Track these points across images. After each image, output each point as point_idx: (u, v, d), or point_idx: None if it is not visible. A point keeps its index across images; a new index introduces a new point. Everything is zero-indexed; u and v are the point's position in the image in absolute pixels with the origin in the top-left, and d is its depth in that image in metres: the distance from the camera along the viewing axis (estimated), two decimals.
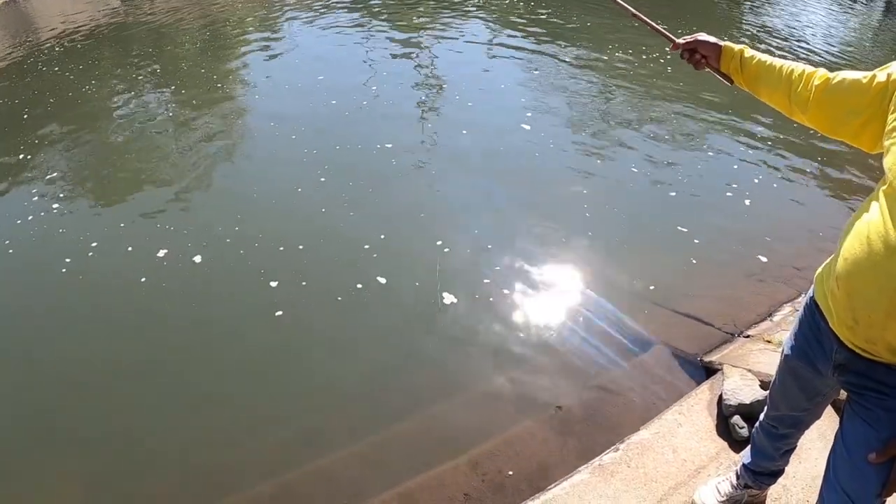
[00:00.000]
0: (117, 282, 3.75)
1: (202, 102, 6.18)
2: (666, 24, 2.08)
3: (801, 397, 1.80)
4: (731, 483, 2.29)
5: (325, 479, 2.72)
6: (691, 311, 3.62)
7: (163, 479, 2.71)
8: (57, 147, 5.36)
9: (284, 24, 8.46)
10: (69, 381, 3.16)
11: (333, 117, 5.76)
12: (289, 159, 5.04)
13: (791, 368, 1.77)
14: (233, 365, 3.26)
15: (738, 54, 1.77)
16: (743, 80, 1.78)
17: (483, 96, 6.39)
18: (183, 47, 7.87)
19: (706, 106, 6.23)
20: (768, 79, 1.70)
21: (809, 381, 1.73)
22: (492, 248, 4.06)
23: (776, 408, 1.94)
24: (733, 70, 1.79)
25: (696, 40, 1.84)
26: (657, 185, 4.90)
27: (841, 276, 1.41)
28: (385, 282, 3.75)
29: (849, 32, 10.17)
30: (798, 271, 3.96)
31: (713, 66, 1.83)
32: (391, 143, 5.29)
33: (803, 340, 1.68)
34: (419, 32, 8.29)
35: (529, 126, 5.69)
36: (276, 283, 3.71)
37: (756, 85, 1.75)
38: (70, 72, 6.92)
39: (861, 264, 1.35)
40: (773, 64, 1.70)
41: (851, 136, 1.54)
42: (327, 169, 4.88)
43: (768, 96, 1.73)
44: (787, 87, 1.65)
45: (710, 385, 3.02)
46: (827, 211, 4.70)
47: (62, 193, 4.67)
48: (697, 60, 1.85)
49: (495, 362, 3.27)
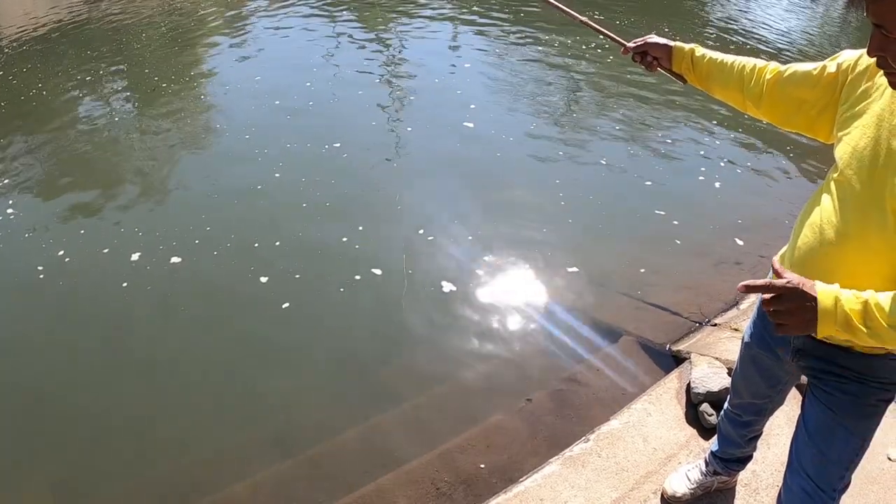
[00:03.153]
0: (93, 286, 3.66)
1: (165, 102, 6.02)
2: (632, 18, 2.06)
3: (762, 384, 1.82)
4: (701, 470, 2.31)
5: (297, 476, 2.68)
6: (659, 301, 3.65)
7: (138, 481, 2.66)
8: (14, 151, 5.17)
9: (249, 23, 8.31)
10: (38, 386, 3.07)
11: (296, 116, 5.67)
12: (255, 157, 4.94)
13: (751, 356, 1.78)
14: (208, 365, 3.21)
15: (688, 54, 1.76)
16: (695, 78, 1.78)
17: (450, 91, 6.37)
18: (146, 47, 7.68)
19: (669, 95, 6.30)
20: (720, 76, 1.70)
21: (769, 369, 1.74)
22: (458, 243, 4.03)
23: (739, 395, 1.96)
24: (685, 69, 1.78)
25: (645, 42, 1.82)
26: (622, 175, 4.93)
27: (795, 264, 1.42)
28: (359, 278, 3.70)
29: (809, 26, 10.37)
30: (762, 259, 4.02)
31: (665, 66, 1.82)
32: (356, 140, 5.24)
33: (762, 327, 1.69)
34: (386, 28, 8.23)
35: (494, 120, 5.69)
36: (264, 279, 3.66)
37: (708, 83, 1.75)
38: (29, 72, 6.70)
39: (814, 251, 1.37)
40: (724, 61, 1.70)
41: (806, 128, 1.55)
42: (299, 166, 4.81)
43: (721, 93, 1.74)
44: (739, 83, 1.65)
45: (679, 374, 3.04)
46: (791, 199, 4.77)
47: (24, 198, 4.51)
48: (649, 63, 1.83)
49: (464, 356, 3.24)
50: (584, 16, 2.06)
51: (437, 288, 3.66)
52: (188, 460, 2.75)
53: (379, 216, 4.26)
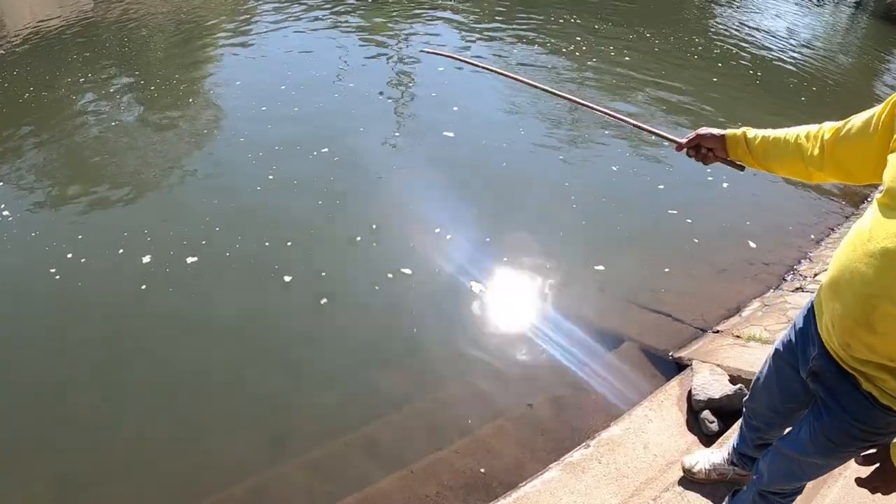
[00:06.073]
0: (100, 284, 3.67)
1: (173, 104, 6.02)
2: (640, 28, 2.07)
3: (778, 396, 1.81)
4: (723, 456, 2.33)
5: (297, 480, 2.69)
6: (661, 307, 3.64)
7: (139, 482, 2.67)
8: (23, 151, 5.18)
9: (256, 24, 8.32)
10: (37, 386, 3.08)
11: (303, 117, 5.67)
12: (261, 158, 4.95)
13: (777, 366, 1.77)
14: (208, 367, 3.21)
15: (741, 138, 1.71)
16: (754, 161, 1.71)
17: (461, 94, 6.35)
18: (154, 48, 7.70)
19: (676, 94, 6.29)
20: (778, 152, 1.63)
21: (788, 381, 1.73)
22: (461, 249, 4.03)
23: (754, 400, 1.96)
24: (742, 154, 1.73)
25: (697, 135, 1.78)
26: (625, 183, 4.92)
27: (827, 280, 1.41)
28: (356, 283, 3.71)
29: (819, 29, 10.35)
30: (767, 266, 4.01)
31: (721, 156, 1.77)
32: (367, 143, 5.24)
33: (795, 337, 1.66)
34: (392, 31, 8.24)
35: (509, 124, 5.69)
36: (271, 284, 3.68)
37: (768, 162, 1.68)
38: (35, 72, 6.71)
39: (844, 269, 1.34)
40: (778, 136, 1.63)
41: (877, 177, 1.41)
42: (316, 167, 4.82)
43: (782, 168, 1.66)
44: (798, 154, 1.58)
45: (680, 381, 3.04)
46: (795, 208, 4.76)
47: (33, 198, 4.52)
48: (704, 155, 1.79)
49: (465, 361, 3.25)
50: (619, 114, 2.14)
51: (437, 293, 3.66)
52: (188, 461, 2.76)
53: (386, 218, 4.26)
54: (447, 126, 5.52)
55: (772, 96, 6.80)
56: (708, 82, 6.97)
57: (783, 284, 3.86)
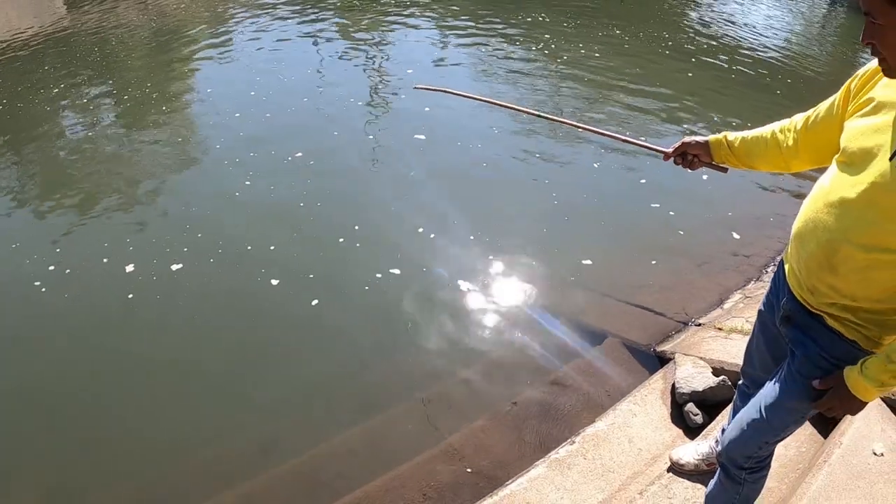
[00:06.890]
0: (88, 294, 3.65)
1: (149, 113, 5.97)
2: (617, 22, 2.08)
3: (767, 353, 1.85)
4: (711, 445, 2.34)
5: (283, 484, 2.68)
6: (643, 302, 3.66)
7: (130, 487, 2.67)
8: None
9: (231, 31, 8.28)
10: (30, 393, 3.08)
11: (277, 123, 5.64)
12: (242, 164, 4.93)
13: (762, 322, 1.83)
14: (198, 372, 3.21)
15: (723, 142, 1.81)
16: (737, 161, 1.82)
17: (433, 96, 6.34)
18: (129, 57, 7.65)
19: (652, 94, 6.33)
20: (758, 149, 1.74)
21: (775, 339, 1.77)
22: (442, 248, 4.03)
23: (749, 363, 2.00)
24: (725, 157, 1.83)
25: (683, 144, 1.89)
26: (607, 179, 4.95)
27: (793, 232, 1.51)
28: (339, 285, 3.70)
29: (795, 22, 10.45)
30: (747, 258, 4.04)
31: (706, 161, 1.88)
32: (341, 146, 5.25)
33: (771, 293, 1.75)
34: (368, 35, 8.23)
35: (482, 125, 5.70)
36: (256, 287, 3.67)
37: (750, 160, 1.79)
38: (10, 83, 6.64)
39: (807, 220, 1.45)
40: (756, 135, 1.74)
41: None
42: (292, 172, 4.81)
43: (764, 163, 1.77)
44: (776, 146, 1.68)
45: (663, 374, 3.06)
46: (775, 199, 4.80)
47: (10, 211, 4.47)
48: (690, 161, 1.90)
49: (448, 361, 3.25)
50: (612, 131, 2.25)
51: (419, 294, 3.66)
52: (177, 468, 2.74)
53: (370, 222, 4.25)
54: (419, 129, 5.51)
55: (749, 90, 6.82)
56: (683, 79, 6.98)
57: (763, 276, 3.89)
